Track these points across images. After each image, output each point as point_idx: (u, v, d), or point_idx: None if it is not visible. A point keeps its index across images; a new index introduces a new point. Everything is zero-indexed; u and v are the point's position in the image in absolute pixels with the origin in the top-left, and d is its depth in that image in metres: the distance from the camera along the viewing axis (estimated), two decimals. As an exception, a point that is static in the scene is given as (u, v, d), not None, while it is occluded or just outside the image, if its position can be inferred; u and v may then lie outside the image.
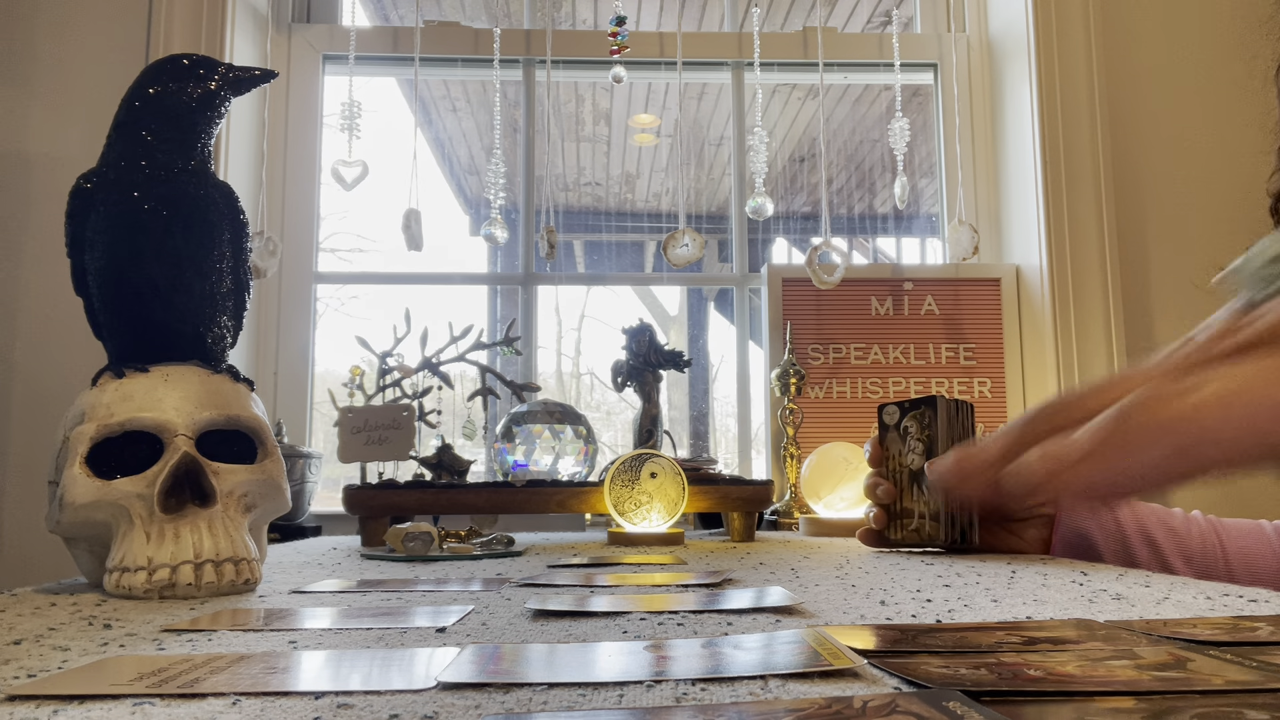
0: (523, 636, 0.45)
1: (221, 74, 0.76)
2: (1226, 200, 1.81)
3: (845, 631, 0.44)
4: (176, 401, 0.67)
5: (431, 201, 1.86)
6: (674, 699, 0.31)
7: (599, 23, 2.26)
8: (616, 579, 0.70)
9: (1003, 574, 0.71)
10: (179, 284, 0.72)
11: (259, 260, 1.75)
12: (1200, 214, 1.82)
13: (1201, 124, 1.86)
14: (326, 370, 1.94)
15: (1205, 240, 1.80)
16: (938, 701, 0.28)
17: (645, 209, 2.52)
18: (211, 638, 0.45)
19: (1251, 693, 0.30)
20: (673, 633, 0.45)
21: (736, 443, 1.95)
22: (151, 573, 0.60)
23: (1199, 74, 1.87)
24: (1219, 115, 1.85)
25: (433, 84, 2.27)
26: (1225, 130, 1.84)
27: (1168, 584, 0.63)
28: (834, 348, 1.80)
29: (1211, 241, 1.78)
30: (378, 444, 1.18)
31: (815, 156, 2.28)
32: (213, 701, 0.31)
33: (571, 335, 2.30)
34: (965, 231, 1.82)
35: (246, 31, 1.84)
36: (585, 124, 2.36)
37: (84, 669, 0.37)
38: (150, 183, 0.71)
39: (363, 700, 0.31)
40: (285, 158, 1.91)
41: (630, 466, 1.15)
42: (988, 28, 2.01)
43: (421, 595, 0.62)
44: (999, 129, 1.97)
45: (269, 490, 0.69)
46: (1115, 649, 0.37)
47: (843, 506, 1.33)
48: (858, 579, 0.69)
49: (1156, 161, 1.84)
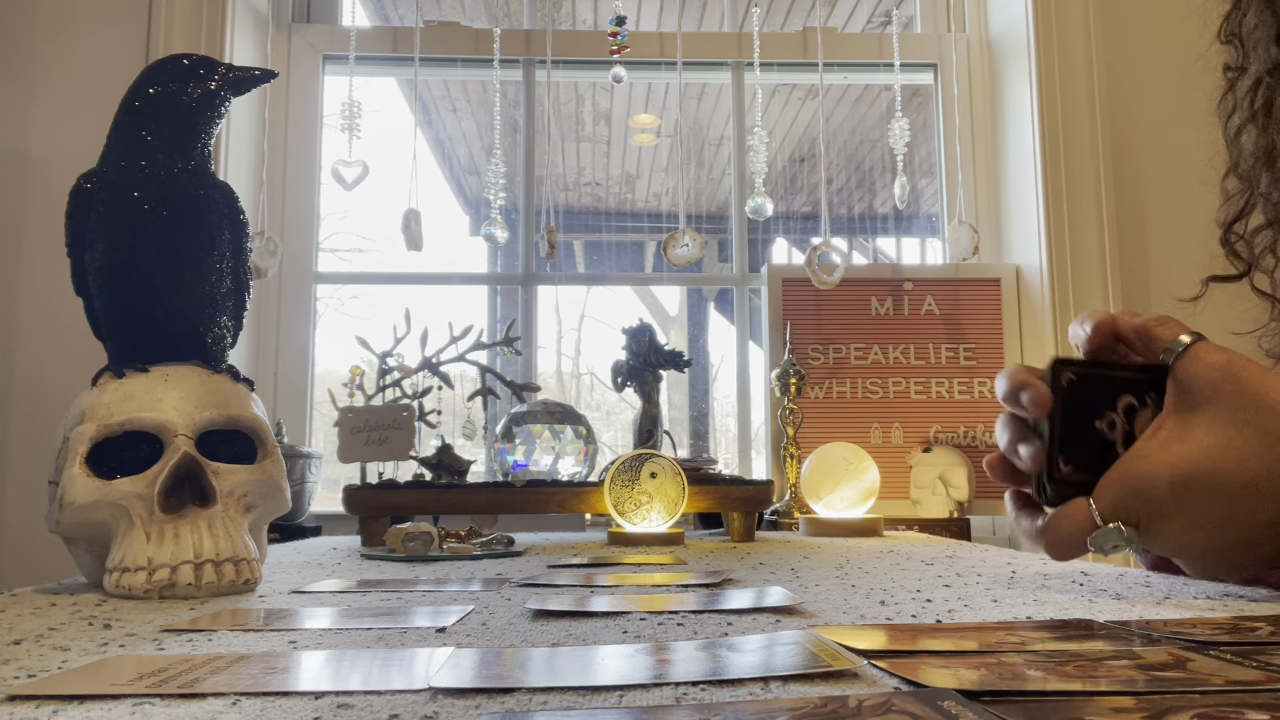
0: (523, 637, 0.45)
1: (221, 74, 0.76)
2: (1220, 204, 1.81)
3: (845, 632, 0.44)
4: (176, 401, 0.67)
5: (431, 201, 1.86)
6: (674, 699, 0.31)
7: (599, 23, 2.26)
8: (616, 579, 0.70)
9: (1003, 574, 0.71)
10: (179, 284, 0.72)
11: (259, 260, 1.75)
12: (1200, 214, 1.82)
13: (1201, 124, 1.85)
14: (326, 370, 1.94)
15: (1205, 241, 1.79)
16: (933, 701, 0.28)
17: (645, 209, 2.52)
18: (211, 638, 0.45)
19: (1251, 692, 0.30)
20: (673, 633, 0.45)
21: (736, 443, 1.95)
22: (151, 573, 0.60)
23: (1199, 74, 1.87)
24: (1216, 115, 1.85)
25: (433, 84, 2.27)
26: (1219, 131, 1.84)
27: (1168, 584, 0.63)
28: (834, 348, 1.80)
29: (1211, 242, 1.78)
30: (378, 444, 1.18)
31: (815, 156, 2.28)
32: (213, 701, 0.31)
33: (571, 335, 2.31)
34: (965, 231, 1.82)
35: (246, 31, 1.84)
36: (585, 124, 2.36)
37: (84, 669, 0.37)
38: (150, 183, 0.71)
39: (362, 700, 0.31)
40: (285, 158, 1.91)
41: (630, 466, 1.15)
42: (988, 28, 2.01)
43: (421, 595, 0.62)
44: (999, 129, 1.97)
45: (269, 490, 0.69)
46: (1115, 649, 0.37)
47: (843, 506, 1.33)
48: (858, 579, 0.69)
49: (1156, 161, 1.84)
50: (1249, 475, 0.49)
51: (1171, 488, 0.51)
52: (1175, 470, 0.51)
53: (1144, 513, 0.53)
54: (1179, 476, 0.51)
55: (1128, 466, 0.54)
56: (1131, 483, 0.53)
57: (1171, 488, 0.51)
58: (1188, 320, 0.58)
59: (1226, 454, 0.50)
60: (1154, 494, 0.52)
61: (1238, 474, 0.50)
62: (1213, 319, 0.73)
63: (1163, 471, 0.52)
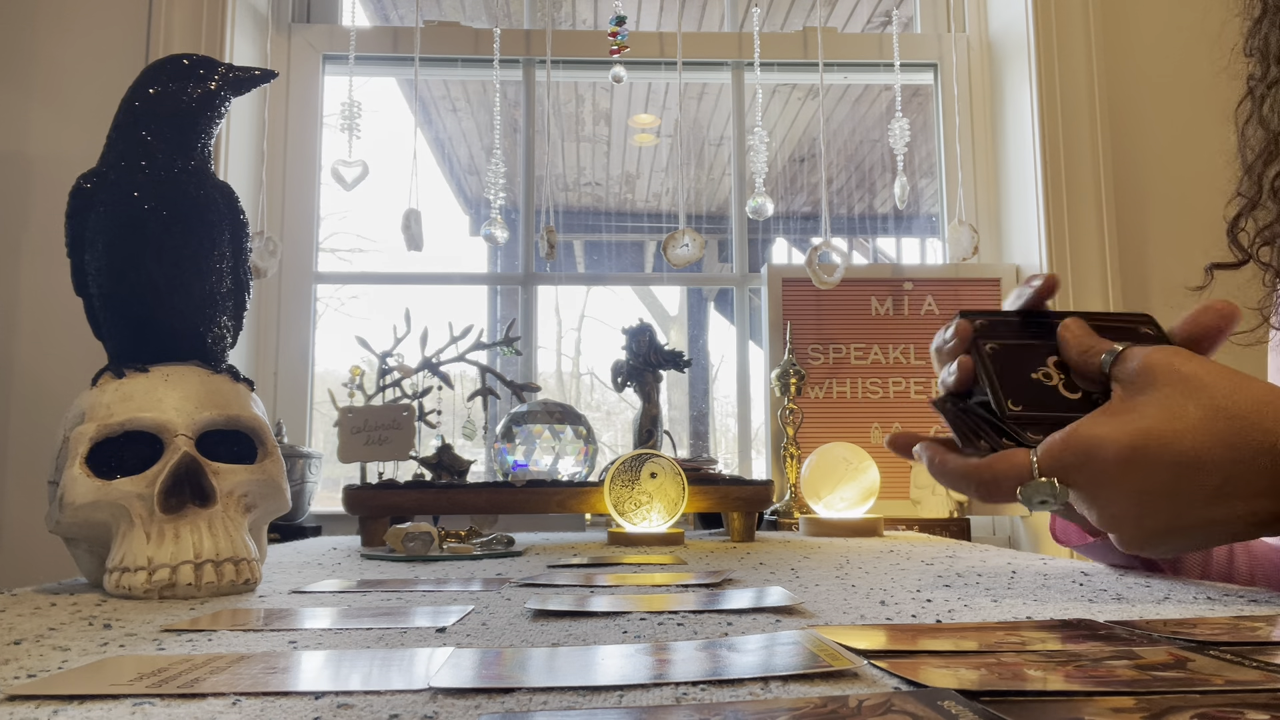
0: (523, 637, 0.45)
1: (221, 74, 0.76)
2: (1226, 200, 1.81)
3: (845, 632, 0.44)
4: (176, 401, 0.67)
5: (431, 201, 1.86)
6: (674, 699, 0.31)
7: (599, 23, 2.26)
8: (616, 579, 0.70)
9: (1003, 574, 0.71)
10: (179, 284, 0.72)
11: (259, 260, 1.75)
12: (1200, 214, 1.82)
13: (1201, 124, 1.86)
14: (326, 370, 1.94)
15: (1205, 241, 1.79)
16: (933, 700, 0.28)
17: (645, 209, 2.52)
18: (211, 638, 0.45)
19: (1251, 692, 0.30)
20: (673, 633, 0.45)
21: (736, 443, 1.95)
22: (151, 573, 0.60)
23: (1199, 73, 1.87)
24: (1219, 115, 1.85)
25: (433, 84, 2.27)
26: (1225, 130, 1.84)
27: (1167, 584, 0.63)
28: (834, 348, 1.80)
29: (1212, 242, 1.78)
30: (378, 444, 1.18)
31: (815, 156, 2.28)
32: (213, 701, 0.31)
33: (571, 335, 2.31)
34: (965, 231, 1.82)
35: (246, 31, 1.84)
36: (585, 124, 2.36)
37: (84, 669, 0.37)
38: (150, 183, 0.71)
39: (362, 700, 0.31)
40: (285, 158, 1.91)
41: (630, 466, 1.15)
42: (988, 28, 2.01)
43: (421, 595, 0.62)
44: (999, 129, 1.97)
45: (269, 490, 0.69)
46: (1115, 649, 0.37)
47: (843, 506, 1.33)
48: (858, 579, 0.69)
49: (1156, 161, 1.84)
50: (1193, 445, 0.51)
51: (1120, 454, 0.52)
52: (1129, 437, 0.52)
53: (1088, 478, 0.54)
54: (1131, 443, 0.52)
55: (1076, 430, 0.55)
56: (1081, 445, 0.54)
57: (1120, 454, 0.52)
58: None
59: (1173, 425, 0.52)
60: (1102, 459, 0.53)
61: (1183, 445, 0.51)
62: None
63: (1116, 437, 0.53)
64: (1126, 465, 0.52)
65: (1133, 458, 0.52)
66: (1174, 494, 0.52)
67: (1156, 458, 0.52)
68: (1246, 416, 0.50)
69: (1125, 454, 0.52)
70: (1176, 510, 0.52)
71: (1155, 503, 0.53)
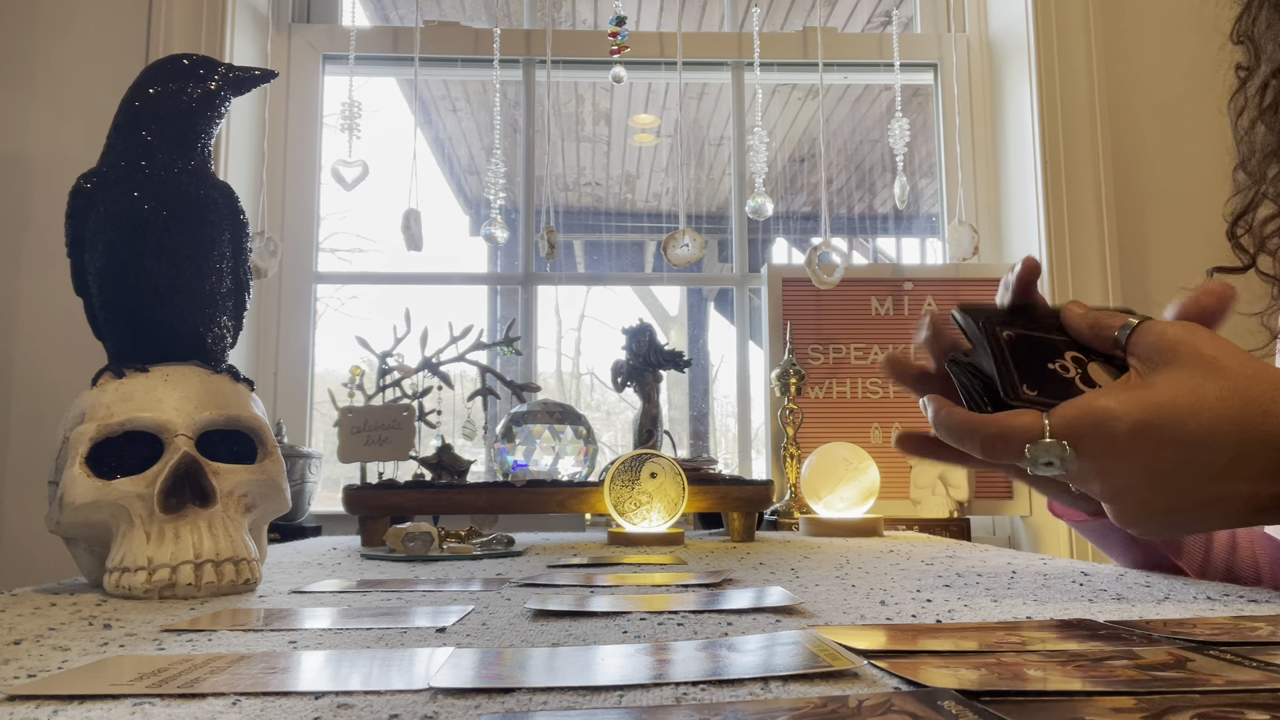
0: (523, 637, 0.45)
1: (221, 74, 0.76)
2: (1226, 199, 1.81)
3: (845, 632, 0.44)
4: (176, 401, 0.67)
5: (431, 201, 1.86)
6: (674, 699, 0.31)
7: (599, 23, 2.26)
8: (616, 579, 0.70)
9: (1003, 574, 0.71)
10: (179, 284, 0.72)
11: (259, 260, 1.75)
12: (1200, 214, 1.82)
13: (1201, 123, 1.86)
14: (326, 370, 1.94)
15: (1205, 240, 1.79)
16: (933, 700, 0.28)
17: (645, 209, 2.52)
18: (211, 638, 0.45)
19: (1251, 692, 0.30)
20: (673, 633, 0.45)
21: (736, 443, 1.95)
22: (151, 573, 0.60)
23: (1199, 73, 1.87)
24: (1219, 114, 1.85)
25: (433, 84, 2.27)
26: (1225, 129, 1.84)
27: (1167, 584, 0.63)
28: (834, 348, 1.80)
29: (1212, 241, 1.78)
30: (378, 444, 1.18)
31: (815, 156, 2.28)
32: (213, 701, 0.31)
33: (571, 335, 2.30)
34: (965, 231, 1.82)
35: (246, 31, 1.84)
36: (585, 124, 2.36)
37: (84, 669, 0.37)
38: (150, 183, 0.71)
39: (362, 700, 0.31)
40: (285, 158, 1.91)
41: (630, 466, 1.15)
42: (988, 28, 2.01)
43: (421, 595, 0.62)
44: (999, 129, 1.97)
45: (269, 490, 0.69)
46: (1115, 649, 0.37)
47: (843, 506, 1.33)
48: (858, 579, 0.69)
49: (1156, 161, 1.84)
50: (1206, 423, 0.51)
51: (1133, 427, 0.52)
52: (1143, 410, 0.52)
53: (1098, 448, 0.54)
54: (1145, 418, 0.52)
55: (1091, 400, 0.55)
56: (1095, 415, 0.54)
57: (1133, 427, 0.52)
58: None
59: (1189, 401, 0.52)
60: (1114, 430, 0.53)
61: (1196, 422, 0.51)
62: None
63: (1130, 410, 0.53)
64: (1137, 439, 0.52)
65: (1145, 433, 0.52)
66: (1180, 471, 0.52)
67: (1169, 435, 0.52)
68: (1260, 400, 0.51)
69: (1138, 428, 0.52)
70: (1179, 488, 0.52)
71: (1160, 480, 0.53)
